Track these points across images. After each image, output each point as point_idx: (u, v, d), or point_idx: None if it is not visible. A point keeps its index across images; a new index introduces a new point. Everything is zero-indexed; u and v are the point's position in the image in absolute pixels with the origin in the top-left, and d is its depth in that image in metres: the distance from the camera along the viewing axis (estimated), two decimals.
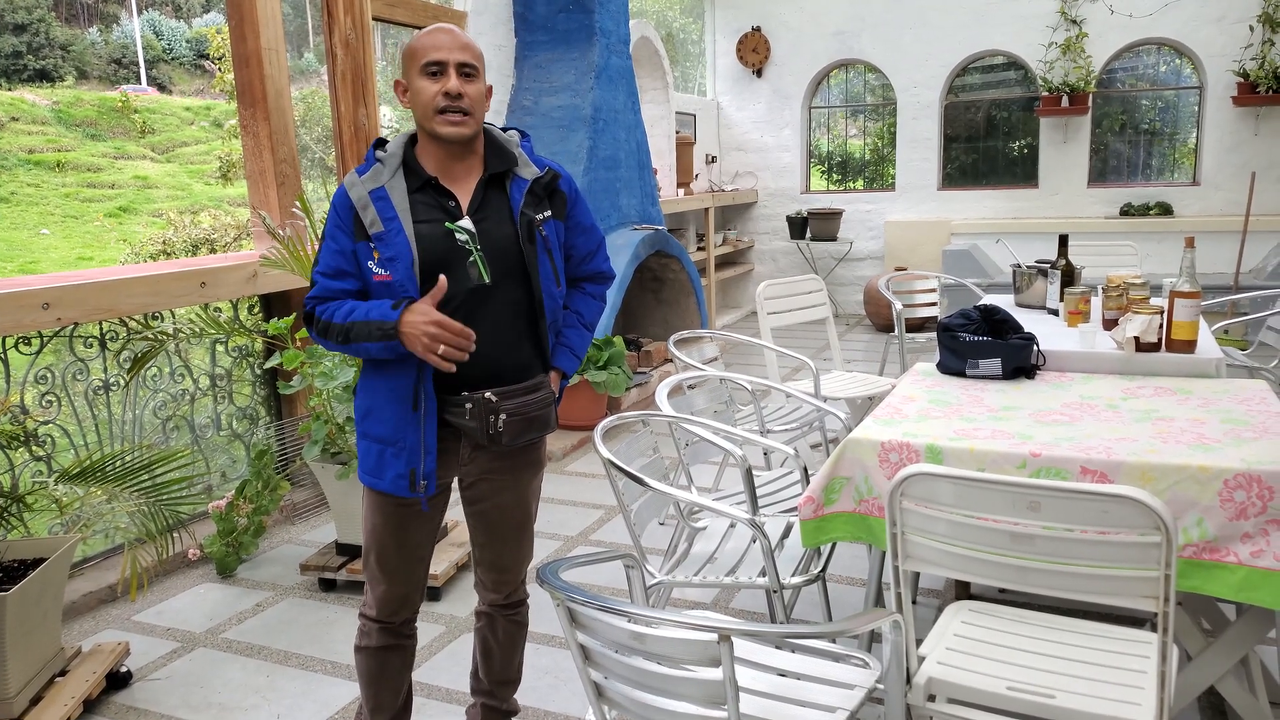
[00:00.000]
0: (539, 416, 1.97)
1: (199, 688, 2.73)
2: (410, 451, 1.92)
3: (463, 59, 1.84)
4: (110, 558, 3.50)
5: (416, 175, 1.90)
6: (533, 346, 2.00)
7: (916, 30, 8.40)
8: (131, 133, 16.68)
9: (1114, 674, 1.74)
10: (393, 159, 1.91)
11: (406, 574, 2.06)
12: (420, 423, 1.90)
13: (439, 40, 1.85)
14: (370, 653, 2.10)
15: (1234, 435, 2.06)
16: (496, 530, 2.11)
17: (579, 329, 2.12)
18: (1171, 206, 7.85)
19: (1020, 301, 3.73)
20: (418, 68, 1.85)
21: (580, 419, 5.04)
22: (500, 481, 2.06)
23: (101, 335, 3.48)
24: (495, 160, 1.94)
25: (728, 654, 1.34)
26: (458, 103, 1.83)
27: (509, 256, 1.91)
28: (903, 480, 1.69)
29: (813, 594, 3.01)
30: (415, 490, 1.94)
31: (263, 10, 3.85)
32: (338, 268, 1.90)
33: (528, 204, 1.93)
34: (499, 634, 2.22)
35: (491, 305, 1.91)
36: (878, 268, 8.78)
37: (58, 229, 13.48)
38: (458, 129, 1.85)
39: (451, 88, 1.82)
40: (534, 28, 5.76)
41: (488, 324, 1.90)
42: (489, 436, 1.91)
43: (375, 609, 2.08)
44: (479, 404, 1.89)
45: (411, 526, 2.03)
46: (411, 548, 2.05)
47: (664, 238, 6.02)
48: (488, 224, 1.90)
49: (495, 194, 1.94)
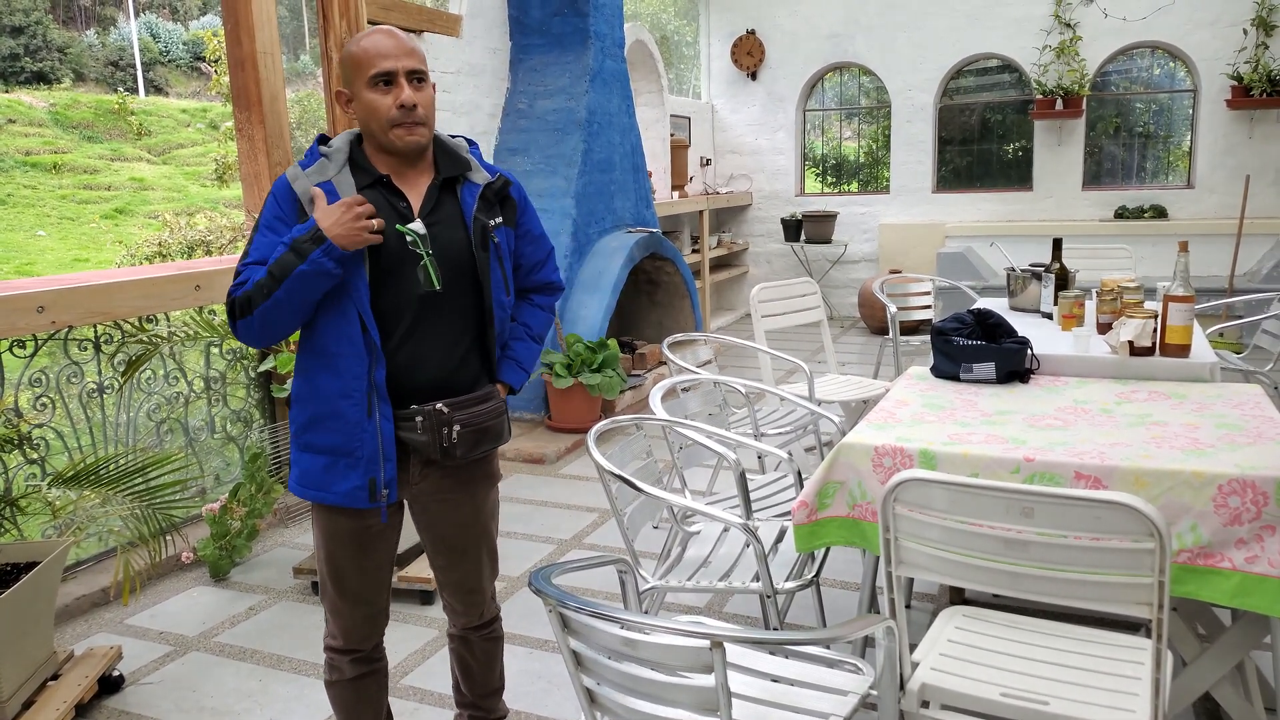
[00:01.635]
0: (492, 427, 1.90)
1: (191, 692, 2.72)
2: (368, 461, 1.81)
3: (411, 65, 1.76)
4: (103, 561, 3.49)
5: (366, 173, 1.82)
6: (480, 357, 1.93)
7: (910, 33, 8.41)
8: (128, 135, 16.65)
9: (1108, 680, 1.73)
10: (339, 154, 1.82)
11: (371, 597, 1.95)
12: (377, 429, 1.80)
13: (383, 47, 1.74)
14: (343, 686, 2.00)
15: (1228, 440, 2.06)
16: (458, 550, 2.02)
17: (527, 341, 2.04)
18: (1166, 209, 7.86)
19: (1014, 305, 3.73)
20: (364, 78, 1.75)
21: (574, 421, 5.03)
22: (454, 499, 1.97)
23: (96, 338, 3.47)
24: (447, 164, 1.87)
25: (720, 660, 1.34)
26: (413, 114, 1.76)
27: (460, 262, 1.84)
28: (896, 486, 1.69)
29: (806, 599, 3.01)
30: (375, 500, 1.83)
31: (258, 14, 3.85)
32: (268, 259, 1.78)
33: (480, 209, 1.87)
34: (476, 652, 2.14)
35: (441, 312, 1.84)
36: (872, 270, 8.79)
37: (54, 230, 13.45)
38: (412, 138, 1.78)
39: (406, 99, 1.74)
40: (529, 31, 5.76)
41: (437, 332, 1.84)
42: (442, 450, 1.82)
43: (341, 639, 1.97)
44: (430, 416, 1.81)
45: (370, 545, 1.91)
46: (373, 570, 1.94)
47: (658, 240, 6.02)
48: (439, 228, 1.83)
49: (447, 198, 1.87)
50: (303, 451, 1.87)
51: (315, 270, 1.71)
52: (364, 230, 1.72)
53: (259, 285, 1.73)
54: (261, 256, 1.77)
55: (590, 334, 5.22)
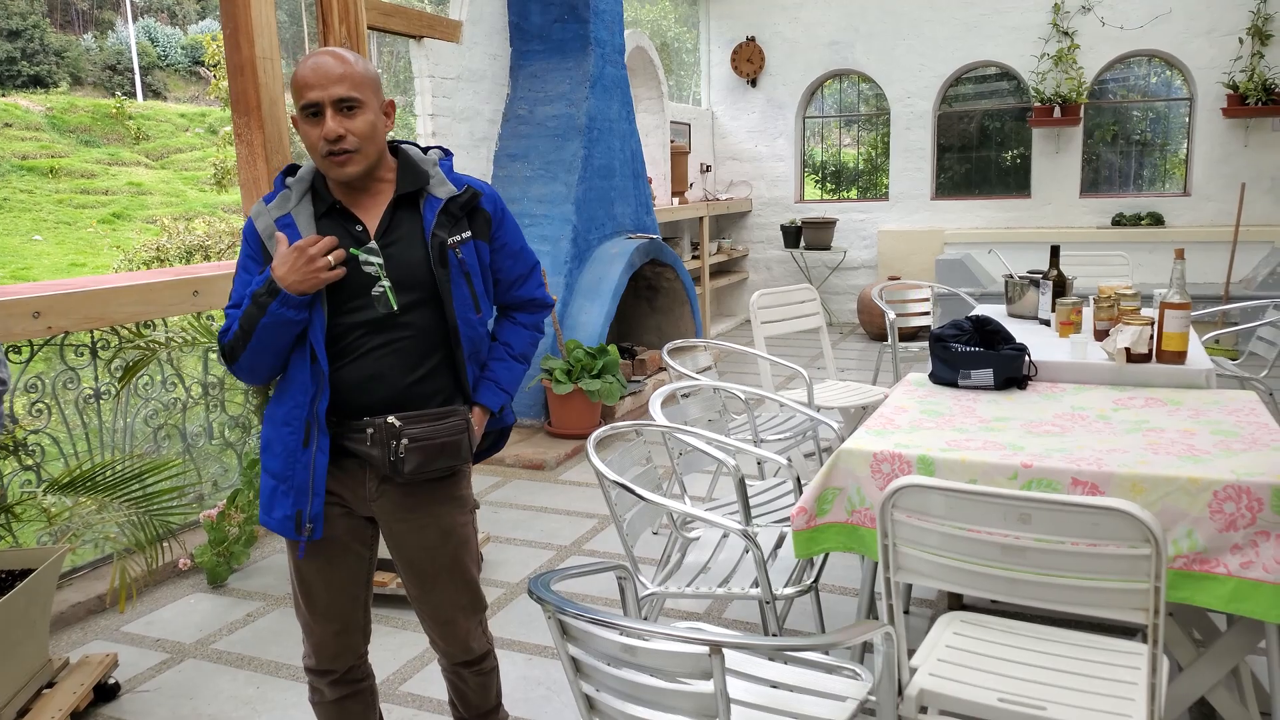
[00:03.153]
0: (449, 444, 1.82)
1: (188, 699, 2.71)
2: (298, 491, 1.80)
3: (338, 94, 1.70)
4: (99, 568, 3.48)
5: (322, 199, 1.81)
6: (448, 376, 1.87)
7: (910, 41, 8.44)
8: (126, 139, 16.66)
9: (1105, 685, 1.74)
10: (300, 184, 1.82)
11: (340, 614, 1.92)
12: (311, 461, 1.78)
13: (309, 77, 1.70)
14: (326, 707, 1.98)
15: (1224, 446, 2.06)
16: (428, 576, 1.95)
17: (507, 361, 1.98)
18: (1163, 217, 7.89)
19: (1012, 312, 3.74)
20: (299, 109, 1.73)
21: (573, 427, 5.04)
22: (418, 521, 1.91)
23: (93, 344, 3.47)
24: (406, 180, 1.83)
25: (719, 667, 1.34)
26: (339, 145, 1.71)
27: (420, 282, 1.80)
28: (894, 492, 1.69)
29: (806, 604, 3.01)
30: (300, 534, 1.81)
31: (257, 19, 3.86)
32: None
33: (440, 224, 1.81)
34: (469, 683, 2.09)
35: (400, 333, 1.80)
36: (871, 277, 8.80)
37: (51, 235, 13.45)
38: (343, 169, 1.75)
39: (328, 131, 1.70)
40: (529, 37, 5.77)
41: (395, 352, 1.80)
42: (390, 464, 1.79)
43: (315, 657, 1.95)
44: (380, 429, 1.77)
45: (337, 561, 1.89)
46: (341, 585, 1.91)
47: (658, 246, 6.03)
48: (396, 248, 1.80)
49: (407, 215, 1.83)
50: (263, 473, 1.88)
51: (276, 321, 1.73)
52: (319, 271, 1.72)
53: (236, 336, 1.77)
54: (238, 300, 1.81)
55: (590, 340, 5.23)
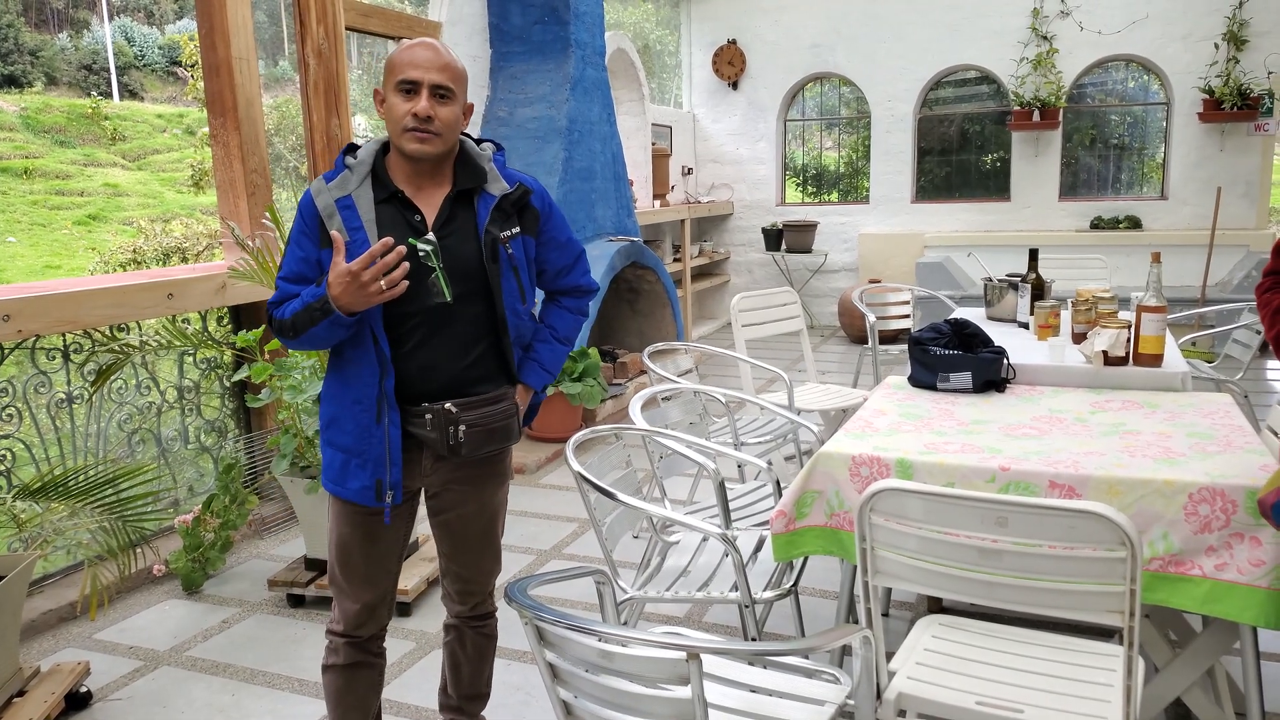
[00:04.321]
0: (501, 427, 1.96)
1: (161, 708, 2.67)
2: (375, 463, 1.91)
3: (438, 80, 1.81)
4: (72, 574, 3.43)
5: (384, 186, 1.89)
6: (496, 361, 1.99)
7: (891, 45, 8.48)
8: (102, 140, 16.47)
9: (1082, 688, 1.74)
10: (361, 166, 1.89)
11: (374, 585, 2.04)
12: (385, 435, 1.90)
13: (417, 57, 1.82)
14: (338, 670, 2.07)
15: (1199, 449, 2.08)
16: (460, 540, 2.10)
17: (551, 344, 2.10)
18: (1140, 220, 7.97)
19: (991, 315, 3.76)
20: (394, 82, 1.83)
21: (554, 431, 5.01)
22: (463, 491, 2.06)
23: (65, 347, 3.42)
24: (464, 176, 1.93)
25: (696, 672, 1.33)
26: (426, 125, 1.81)
27: (472, 274, 1.91)
28: (872, 496, 1.69)
29: (785, 608, 3.01)
30: (381, 500, 1.93)
31: (233, 19, 3.82)
32: (299, 273, 1.89)
33: (494, 221, 1.92)
34: (467, 647, 2.21)
35: (453, 322, 1.91)
36: (852, 280, 8.84)
37: (24, 237, 13.27)
38: (422, 146, 1.83)
39: (421, 110, 1.80)
40: (509, 39, 5.75)
41: (449, 340, 1.91)
42: (449, 447, 1.90)
43: (343, 623, 2.05)
44: (439, 415, 1.89)
45: (379, 535, 2.01)
46: (378, 558, 2.03)
47: (640, 249, 6.02)
48: (452, 240, 1.89)
49: (463, 210, 1.92)
50: (326, 447, 1.98)
51: (328, 328, 1.82)
52: (372, 295, 1.77)
53: (288, 326, 1.86)
54: (290, 272, 1.90)
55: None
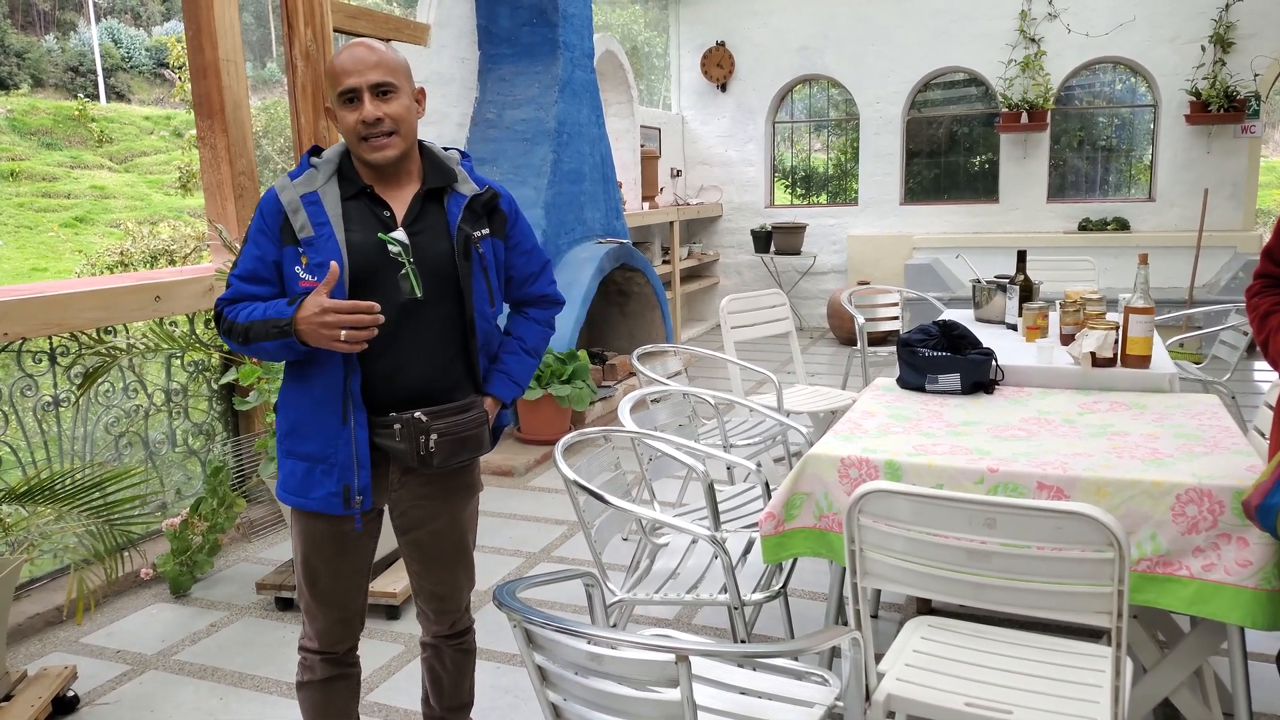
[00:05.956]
0: (472, 436, 1.90)
1: (149, 712, 2.65)
2: (342, 467, 1.85)
3: (376, 79, 1.78)
4: (59, 578, 3.40)
5: (351, 182, 1.85)
6: (463, 366, 1.94)
7: (879, 47, 8.51)
8: (89, 142, 16.37)
9: (1070, 688, 1.75)
10: (327, 165, 1.87)
11: (345, 601, 1.99)
12: (352, 437, 1.84)
13: (347, 64, 1.78)
14: (315, 687, 2.02)
15: (1186, 450, 2.09)
16: (431, 558, 2.04)
17: (520, 355, 2.05)
18: (1128, 222, 8.01)
19: (980, 316, 3.77)
20: (335, 96, 1.80)
21: (544, 433, 5.01)
22: (432, 507, 1.99)
23: (51, 350, 3.40)
24: (434, 175, 1.90)
25: (685, 674, 1.33)
26: (377, 128, 1.78)
27: (443, 272, 1.86)
28: (860, 497, 1.69)
29: (775, 609, 3.01)
30: (350, 507, 1.86)
31: (220, 21, 3.80)
32: (254, 272, 1.84)
33: (465, 220, 1.89)
34: (446, 663, 2.15)
35: (422, 321, 1.86)
36: (841, 281, 8.86)
37: (11, 239, 13.18)
38: (382, 153, 1.81)
39: (367, 115, 1.77)
40: (497, 41, 5.75)
41: (418, 340, 1.86)
42: (420, 458, 1.83)
43: (316, 640, 2.00)
44: (408, 424, 1.82)
45: (347, 549, 1.95)
46: (348, 574, 1.97)
47: (629, 251, 6.02)
48: (422, 237, 1.86)
49: (432, 208, 1.89)
50: (285, 458, 1.91)
51: (279, 348, 1.77)
52: (329, 339, 1.71)
53: (236, 329, 1.80)
54: (245, 270, 1.84)
55: (560, 345, 5.21)
